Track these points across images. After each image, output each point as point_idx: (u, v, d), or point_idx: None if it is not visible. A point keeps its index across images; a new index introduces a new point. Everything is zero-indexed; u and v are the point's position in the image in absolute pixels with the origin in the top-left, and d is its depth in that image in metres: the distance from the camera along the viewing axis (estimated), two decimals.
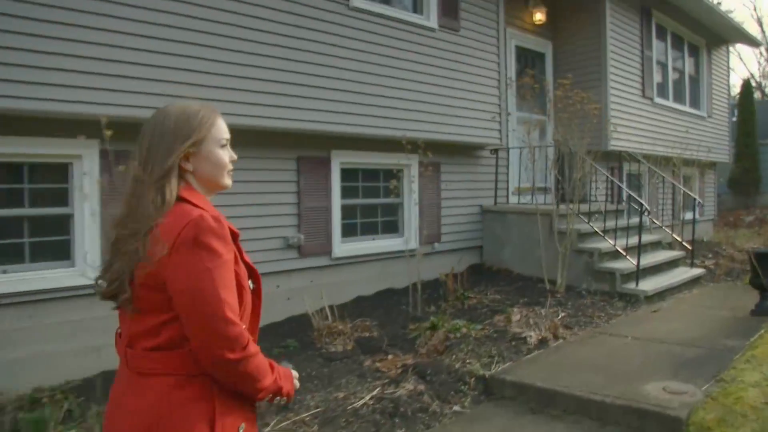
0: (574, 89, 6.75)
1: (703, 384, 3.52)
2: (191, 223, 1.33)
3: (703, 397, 3.33)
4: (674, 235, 7.57)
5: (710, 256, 8.84)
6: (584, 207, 6.96)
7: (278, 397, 1.47)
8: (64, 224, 4.12)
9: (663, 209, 8.96)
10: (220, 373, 1.35)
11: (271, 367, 1.45)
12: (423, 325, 4.90)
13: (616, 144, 8.23)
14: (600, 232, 6.40)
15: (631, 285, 6.07)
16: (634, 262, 6.16)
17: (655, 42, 9.33)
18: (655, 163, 8.44)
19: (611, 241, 6.30)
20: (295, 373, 1.55)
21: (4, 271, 3.82)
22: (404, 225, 6.51)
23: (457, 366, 4.06)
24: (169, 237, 1.32)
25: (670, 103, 9.91)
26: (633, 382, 3.58)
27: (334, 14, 5.38)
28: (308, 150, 5.52)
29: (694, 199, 7.29)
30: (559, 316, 5.23)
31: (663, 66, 9.91)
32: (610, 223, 6.88)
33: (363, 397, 3.61)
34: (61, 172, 4.12)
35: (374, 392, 3.70)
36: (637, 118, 8.86)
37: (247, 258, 1.51)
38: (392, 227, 6.50)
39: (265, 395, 1.43)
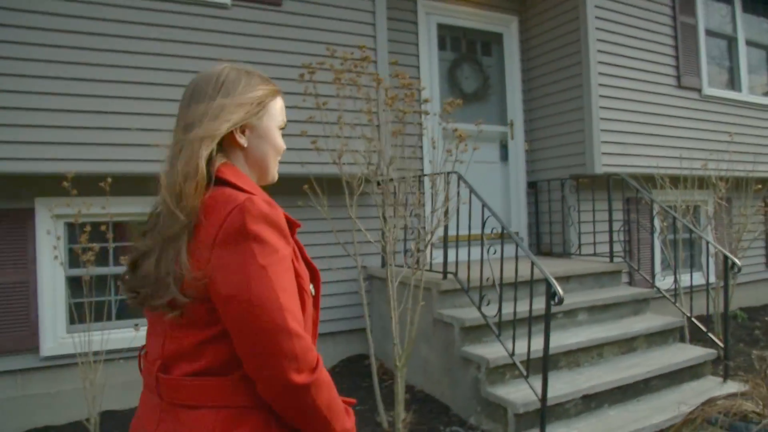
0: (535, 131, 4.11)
1: None
2: (237, 209, 1.01)
3: None
4: (694, 320, 4.31)
5: None
6: (559, 266, 4.17)
7: None
8: None
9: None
10: (283, 404, 1.02)
11: (348, 413, 1.12)
12: None
13: (611, 164, 5.18)
14: (492, 326, 3.54)
15: None
16: (558, 386, 3.26)
17: (701, 4, 6.05)
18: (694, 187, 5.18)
19: (508, 346, 3.42)
20: None
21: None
22: None
23: None
24: (210, 228, 1.01)
25: (742, 96, 6.43)
26: None
27: None
28: None
29: (725, 257, 4.05)
30: None
31: (727, 40, 6.49)
32: (580, 299, 4.07)
33: None
34: None
35: None
36: (668, 120, 5.67)
37: (308, 256, 1.19)
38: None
39: None
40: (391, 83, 4.53)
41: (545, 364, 3.12)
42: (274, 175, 1.24)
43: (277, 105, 1.23)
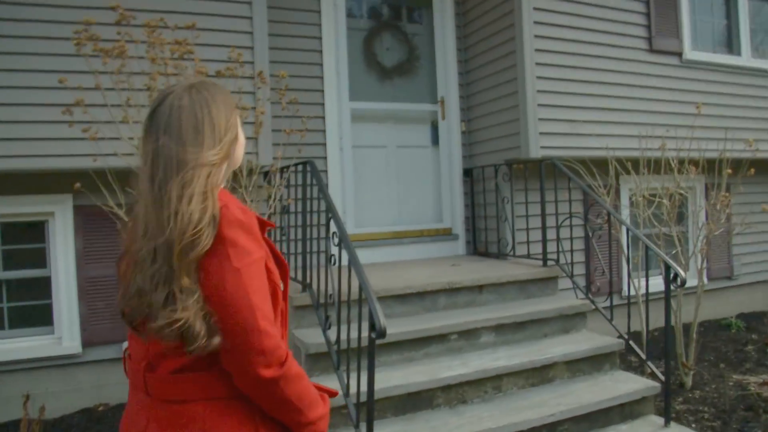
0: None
1: None
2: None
3: None
4: (633, 344, 3.37)
5: None
6: (479, 270, 3.38)
7: None
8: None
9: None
10: (256, 395, 1.11)
11: (324, 401, 1.21)
12: None
13: (553, 146, 4.26)
14: (333, 353, 2.74)
15: None
16: None
17: None
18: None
19: (352, 381, 2.64)
20: None
21: None
22: (56, 312, 3.68)
23: None
24: None
25: (742, 60, 5.31)
26: None
27: None
28: None
29: (667, 266, 3.07)
30: None
31: None
32: (486, 315, 3.29)
33: None
34: None
35: None
36: (636, 91, 4.67)
37: (279, 252, 1.27)
38: (38, 317, 3.71)
39: None
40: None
41: (370, 412, 2.33)
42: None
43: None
